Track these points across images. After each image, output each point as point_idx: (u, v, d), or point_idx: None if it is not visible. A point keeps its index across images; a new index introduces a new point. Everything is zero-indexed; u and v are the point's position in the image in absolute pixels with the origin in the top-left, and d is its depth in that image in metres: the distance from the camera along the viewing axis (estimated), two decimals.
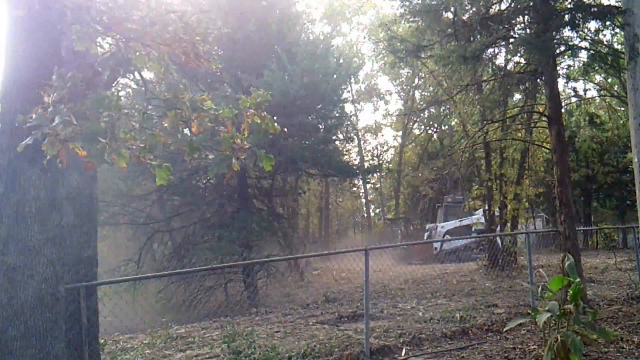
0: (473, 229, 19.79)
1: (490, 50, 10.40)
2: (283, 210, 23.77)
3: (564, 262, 7.81)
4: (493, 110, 12.41)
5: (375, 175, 33.76)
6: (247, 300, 12.23)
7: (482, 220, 19.36)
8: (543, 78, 9.54)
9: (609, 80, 20.57)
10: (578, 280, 5.44)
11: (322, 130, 20.64)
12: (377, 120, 35.20)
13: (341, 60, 23.69)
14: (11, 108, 4.08)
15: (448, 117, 29.67)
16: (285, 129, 15.85)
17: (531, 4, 9.55)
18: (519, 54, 10.24)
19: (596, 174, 26.21)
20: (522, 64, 11.00)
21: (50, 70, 3.60)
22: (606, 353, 5.92)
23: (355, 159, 32.82)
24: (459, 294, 11.29)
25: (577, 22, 9.09)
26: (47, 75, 3.59)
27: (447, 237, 22.27)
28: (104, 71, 3.85)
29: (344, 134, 32.37)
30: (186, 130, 3.94)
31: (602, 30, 10.86)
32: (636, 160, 8.70)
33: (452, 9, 9.85)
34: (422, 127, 32.56)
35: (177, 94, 3.75)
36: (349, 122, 31.08)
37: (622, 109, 21.42)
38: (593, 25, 10.28)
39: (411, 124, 31.97)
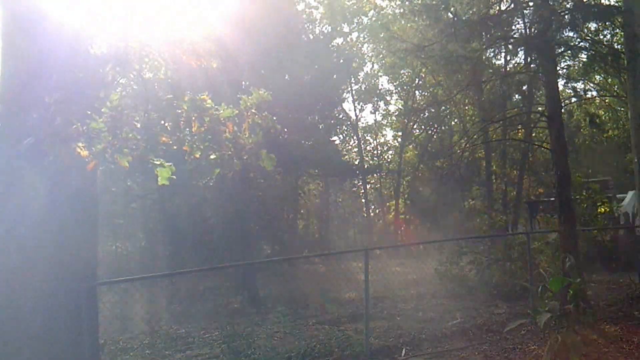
0: None
1: (490, 50, 10.41)
2: (283, 211, 23.76)
3: (564, 263, 7.81)
4: (493, 111, 12.42)
5: (375, 175, 33.73)
6: (247, 300, 12.22)
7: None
8: (543, 78, 9.54)
9: (609, 80, 20.58)
10: (578, 280, 5.44)
11: (322, 130, 20.66)
12: (377, 120, 34.92)
13: (341, 60, 23.69)
14: (11, 108, 4.07)
15: (448, 117, 29.65)
16: (285, 129, 15.87)
17: (531, 4, 9.55)
18: (518, 54, 10.25)
19: (596, 174, 26.20)
20: (522, 64, 11.01)
21: (50, 71, 3.60)
22: (606, 353, 5.92)
23: (355, 159, 32.78)
24: (459, 294, 11.28)
25: (577, 22, 9.09)
26: (48, 75, 3.58)
27: None
28: (104, 71, 3.85)
29: (344, 134, 32.40)
30: (187, 130, 3.94)
31: (602, 31, 10.87)
32: (636, 160, 8.70)
33: (452, 9, 9.85)
34: (422, 127, 32.50)
35: (177, 94, 3.76)
36: (349, 122, 31.15)
37: (622, 109, 21.43)
38: (593, 25, 10.29)
39: (411, 124, 31.90)
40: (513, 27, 10.34)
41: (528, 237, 9.53)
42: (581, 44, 9.90)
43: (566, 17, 9.13)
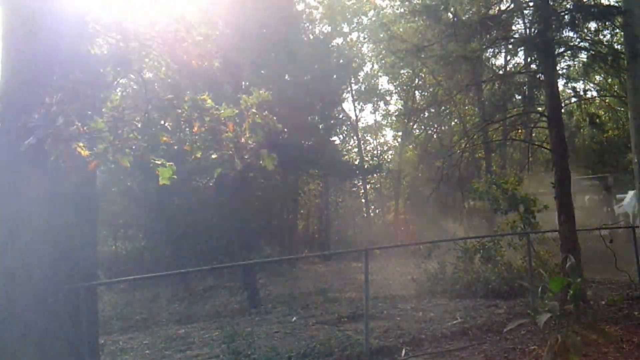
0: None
1: (490, 50, 10.43)
2: (283, 211, 23.77)
3: (564, 263, 7.81)
4: (493, 111, 12.42)
5: (375, 175, 33.72)
6: (247, 300, 12.23)
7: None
8: (543, 78, 9.55)
9: (609, 80, 20.57)
10: (578, 280, 5.44)
11: (322, 130, 20.66)
12: (377, 120, 34.95)
13: (341, 60, 23.68)
14: (11, 108, 4.07)
15: (448, 117, 29.64)
16: (285, 129, 15.87)
17: (531, 4, 9.56)
18: (518, 54, 10.27)
19: (596, 174, 26.19)
20: (522, 64, 11.02)
21: (50, 71, 3.60)
22: (606, 353, 5.92)
23: (355, 159, 32.79)
24: (459, 294, 11.28)
25: (577, 22, 9.10)
26: (48, 75, 3.59)
27: None
28: (104, 72, 3.85)
29: (344, 134, 32.38)
30: (187, 130, 3.95)
31: (602, 31, 10.87)
32: (636, 160, 8.70)
33: (452, 9, 9.86)
34: (422, 127, 32.51)
35: (178, 94, 3.76)
36: (349, 122, 31.15)
37: (622, 109, 21.42)
38: (593, 25, 10.29)
39: (411, 124, 31.91)
40: (513, 27, 10.36)
41: (528, 237, 9.54)
42: (581, 44, 9.91)
43: (566, 17, 9.14)
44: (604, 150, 26.20)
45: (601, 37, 11.12)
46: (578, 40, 9.80)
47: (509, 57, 20.62)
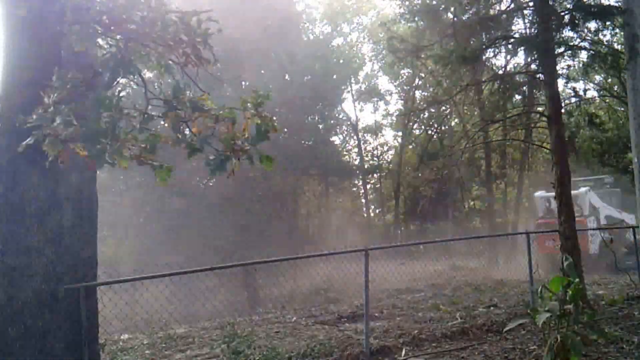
0: None
1: (490, 50, 10.43)
2: (283, 211, 23.77)
3: (563, 263, 7.80)
4: (493, 111, 12.42)
5: (375, 175, 33.73)
6: (247, 301, 12.24)
7: None
8: (543, 78, 9.55)
9: (609, 80, 20.56)
10: (578, 280, 5.44)
11: (321, 130, 20.67)
12: (377, 120, 34.93)
13: (341, 60, 23.69)
14: (11, 108, 4.08)
15: (448, 117, 29.64)
16: (285, 129, 15.90)
17: (531, 4, 9.56)
18: (518, 54, 10.27)
19: (597, 175, 26.19)
20: (522, 64, 11.02)
21: (50, 71, 3.60)
22: (606, 353, 5.92)
23: (355, 159, 32.80)
24: (459, 294, 11.29)
25: (577, 22, 9.10)
26: (47, 75, 3.58)
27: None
28: (104, 72, 3.85)
29: (344, 134, 32.39)
30: (187, 131, 3.95)
31: (602, 30, 10.87)
32: (636, 160, 8.70)
33: (452, 9, 9.87)
34: (422, 127, 32.50)
35: (178, 94, 3.76)
36: (349, 122, 31.15)
37: (622, 109, 21.40)
38: (593, 25, 10.29)
39: (411, 124, 31.90)
40: (513, 27, 10.37)
41: (528, 237, 9.53)
42: (581, 44, 9.91)
43: (566, 17, 9.14)
44: (604, 150, 26.17)
45: (601, 37, 11.12)
46: (578, 40, 9.82)
47: (509, 57, 20.64)
